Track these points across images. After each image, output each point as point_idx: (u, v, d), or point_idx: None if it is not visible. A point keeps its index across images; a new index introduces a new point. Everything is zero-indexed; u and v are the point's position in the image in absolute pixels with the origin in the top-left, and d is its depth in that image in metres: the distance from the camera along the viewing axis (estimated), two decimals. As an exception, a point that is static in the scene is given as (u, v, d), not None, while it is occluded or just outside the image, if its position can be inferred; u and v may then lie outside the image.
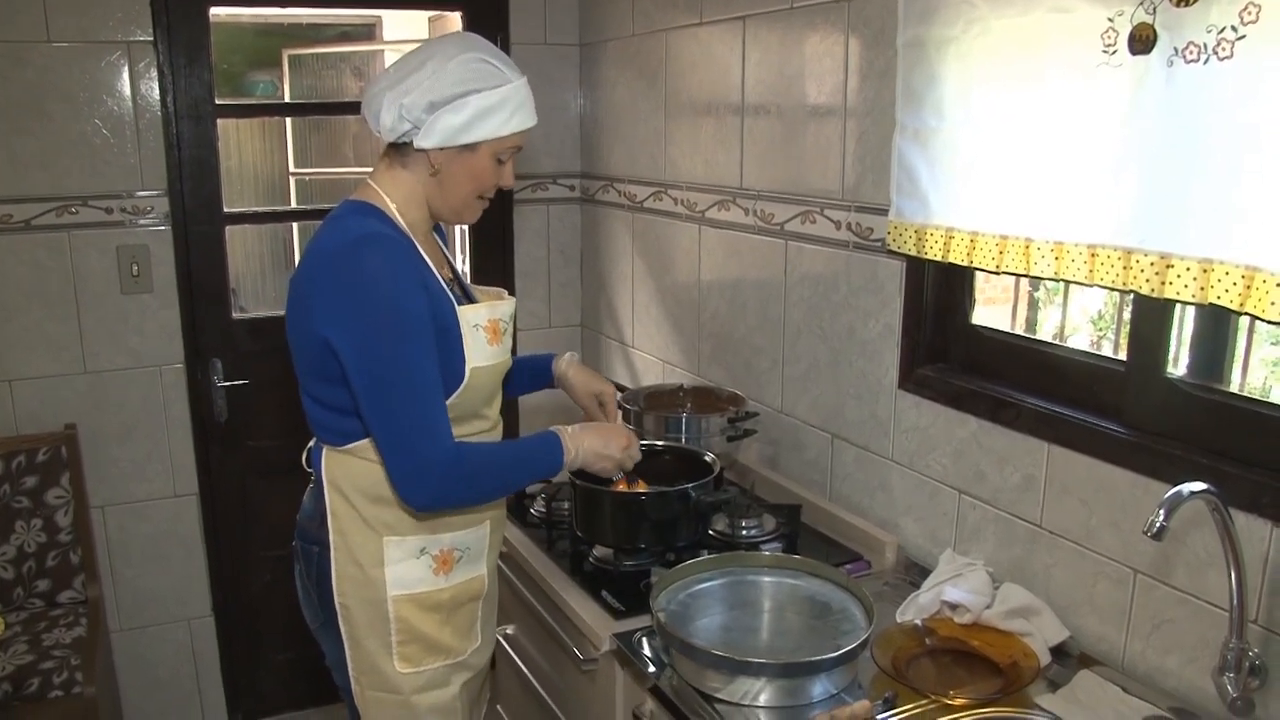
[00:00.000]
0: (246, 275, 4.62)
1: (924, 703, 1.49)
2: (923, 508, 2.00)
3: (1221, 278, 1.32)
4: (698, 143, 2.65)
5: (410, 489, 1.55)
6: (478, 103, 1.56)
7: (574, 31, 3.28)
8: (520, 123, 1.62)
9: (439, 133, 1.56)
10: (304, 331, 1.59)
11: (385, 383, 1.52)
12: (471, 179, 1.64)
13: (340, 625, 1.68)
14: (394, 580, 1.66)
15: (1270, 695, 1.39)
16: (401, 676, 1.69)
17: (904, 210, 1.88)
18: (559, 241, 3.41)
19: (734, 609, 1.69)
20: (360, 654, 1.69)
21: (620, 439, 1.77)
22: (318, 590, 1.71)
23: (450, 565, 1.71)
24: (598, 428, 1.78)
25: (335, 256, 1.54)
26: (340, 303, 1.52)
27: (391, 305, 1.51)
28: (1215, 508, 1.31)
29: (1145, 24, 1.38)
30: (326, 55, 4.85)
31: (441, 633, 1.72)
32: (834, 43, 2.11)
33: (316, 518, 1.69)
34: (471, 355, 1.63)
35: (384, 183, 1.65)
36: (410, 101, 1.55)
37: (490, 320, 1.68)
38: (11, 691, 2.42)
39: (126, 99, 2.80)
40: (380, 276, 1.51)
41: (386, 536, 1.66)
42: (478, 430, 1.71)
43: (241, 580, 3.16)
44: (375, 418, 1.54)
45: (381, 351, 1.51)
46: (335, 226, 1.60)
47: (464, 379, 1.62)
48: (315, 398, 1.64)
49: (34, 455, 2.78)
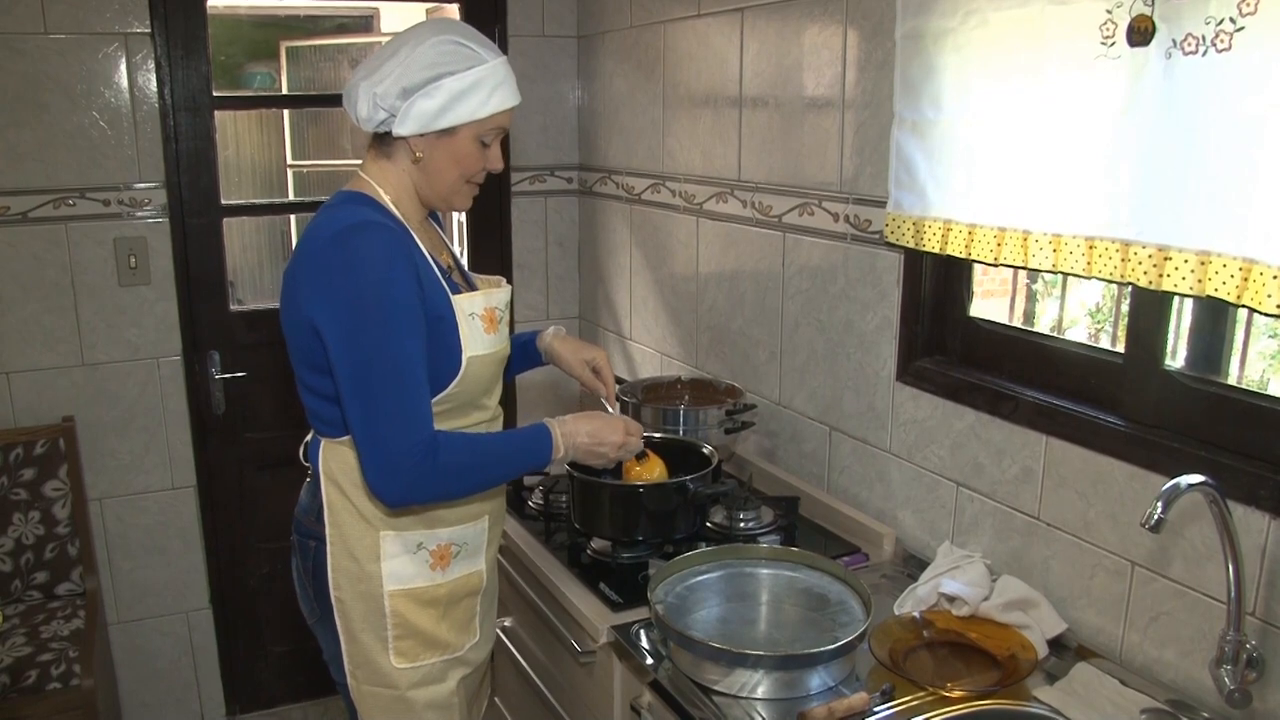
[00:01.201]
0: (244, 267, 4.60)
1: (921, 695, 1.49)
2: (921, 500, 2.00)
3: (1219, 270, 1.32)
4: (696, 135, 2.65)
5: (381, 481, 1.52)
6: (451, 85, 1.54)
7: (572, 23, 3.28)
8: (499, 103, 1.59)
9: (414, 119, 1.55)
10: (294, 318, 1.57)
11: (367, 369, 1.50)
12: (455, 164, 1.62)
13: (336, 619, 1.68)
14: (390, 575, 1.65)
15: (1267, 687, 1.39)
16: (398, 671, 1.68)
17: (902, 202, 1.87)
18: (557, 234, 3.41)
19: (732, 601, 1.69)
20: (356, 648, 1.68)
21: (616, 432, 1.73)
22: (314, 584, 1.71)
23: (448, 560, 1.70)
24: (592, 418, 1.73)
25: (326, 243, 1.53)
26: (328, 288, 1.51)
27: (379, 292, 1.49)
28: (1213, 500, 1.31)
29: (1144, 16, 1.38)
30: (324, 47, 4.83)
31: (439, 628, 1.71)
32: (832, 34, 2.10)
33: (313, 511, 1.69)
34: (468, 344, 1.61)
35: (373, 174, 1.65)
36: (383, 90, 1.54)
37: (486, 308, 1.66)
38: (9, 683, 2.42)
39: (124, 91, 2.79)
40: (370, 262, 1.49)
41: (383, 531, 1.64)
42: (477, 420, 1.70)
43: (239, 572, 3.16)
44: (353, 405, 1.51)
45: (365, 338, 1.50)
46: (328, 215, 1.58)
47: (461, 368, 1.61)
48: (308, 387, 1.63)
49: (31, 447, 2.77)
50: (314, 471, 1.68)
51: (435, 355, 1.57)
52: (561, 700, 2.03)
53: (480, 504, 1.72)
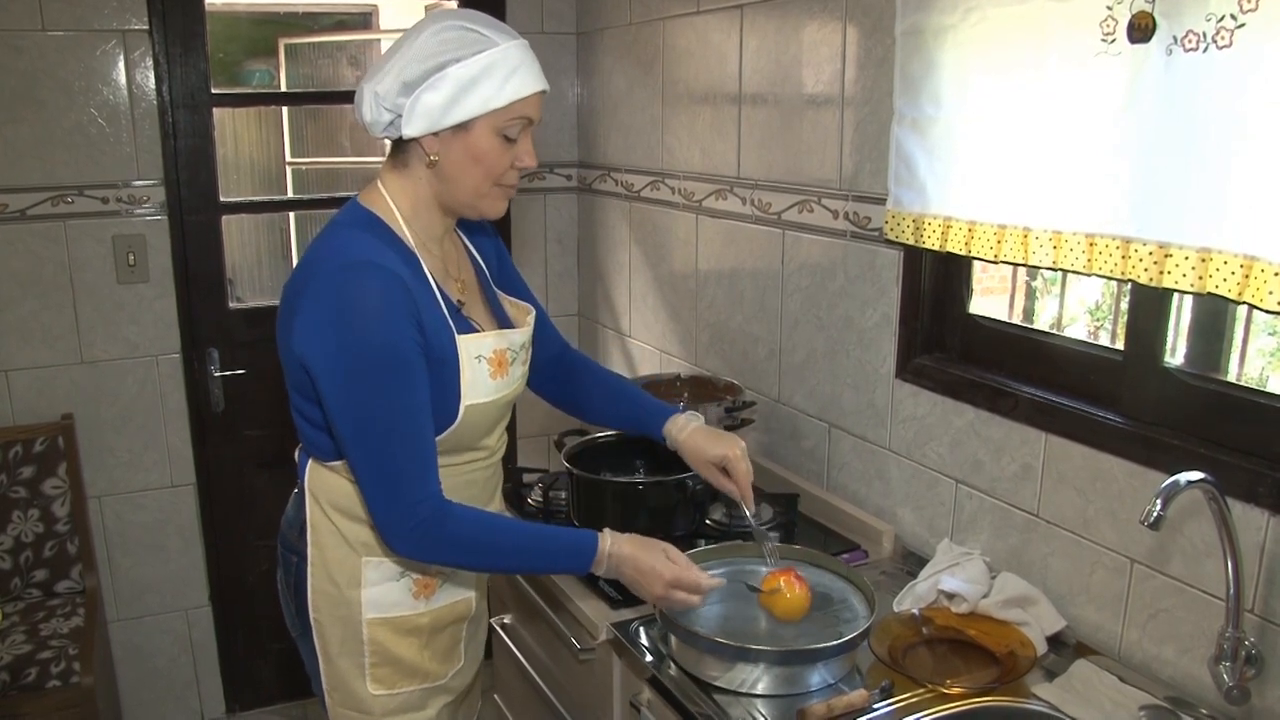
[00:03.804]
0: (243, 265, 4.60)
1: (920, 692, 1.49)
2: (920, 497, 2.00)
3: (1220, 267, 1.32)
4: (695, 132, 2.65)
5: (390, 537, 1.44)
6: (457, 74, 1.39)
7: (571, 20, 3.27)
8: (516, 90, 1.42)
9: (421, 116, 1.40)
10: (287, 347, 1.47)
11: (365, 427, 1.40)
12: (475, 163, 1.46)
13: (314, 639, 1.61)
14: (370, 603, 1.57)
15: (1266, 684, 1.39)
16: (374, 698, 1.60)
17: (902, 199, 1.87)
18: (556, 231, 3.41)
19: (735, 599, 1.69)
20: (333, 670, 1.60)
21: (657, 584, 1.51)
22: (295, 600, 1.64)
23: (432, 590, 1.61)
24: (651, 551, 1.53)
25: (322, 279, 1.40)
26: (320, 331, 1.39)
27: (374, 344, 1.38)
28: (1212, 497, 1.31)
29: (1144, 12, 1.38)
30: (323, 44, 4.83)
31: (420, 657, 1.62)
32: (831, 31, 2.10)
33: (296, 526, 1.61)
34: (468, 391, 1.50)
35: (390, 186, 1.51)
36: (384, 88, 1.41)
37: (496, 351, 1.54)
38: (9, 681, 2.42)
39: (122, 88, 2.79)
40: (364, 311, 1.37)
41: (365, 557, 1.56)
42: (471, 460, 1.59)
43: (238, 570, 3.16)
44: (355, 461, 1.43)
45: (361, 395, 1.39)
46: (334, 239, 1.47)
47: (458, 417, 1.50)
48: (299, 411, 1.54)
49: (31, 445, 2.77)
50: (300, 485, 1.61)
51: (432, 398, 1.46)
52: (561, 698, 2.03)
53: None
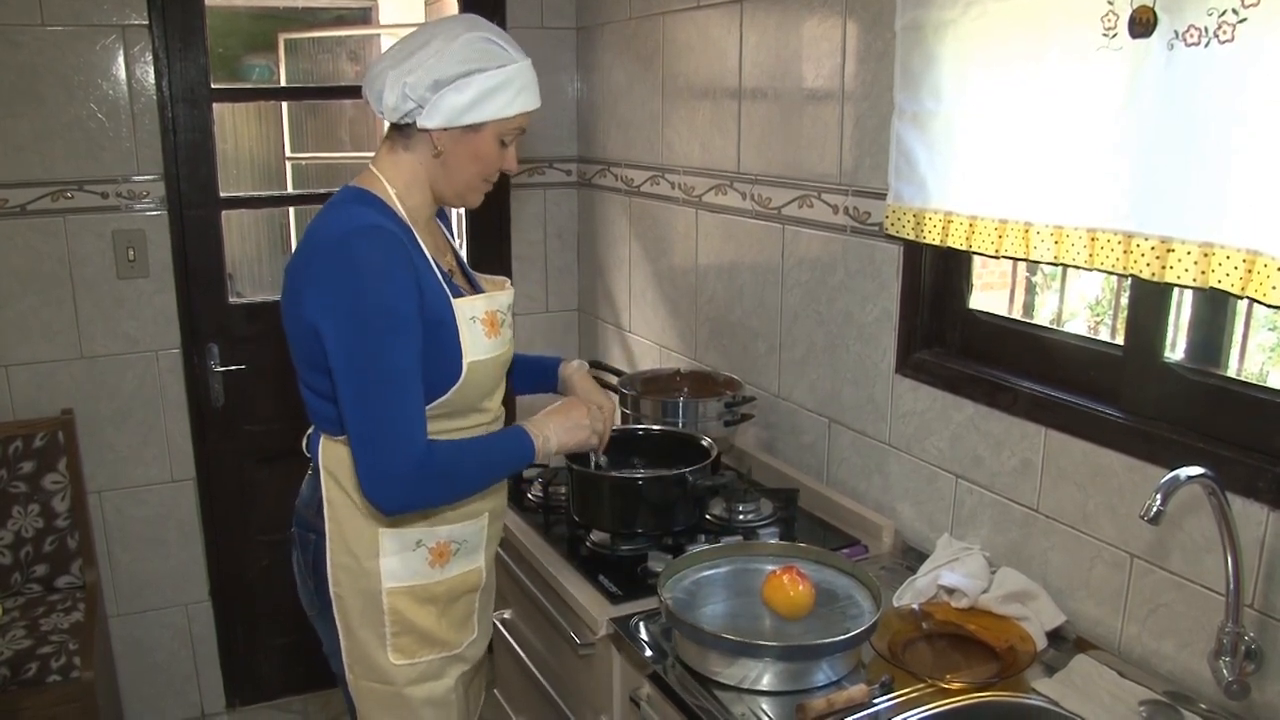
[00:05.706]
0: (243, 260, 4.61)
1: (920, 687, 1.50)
2: (920, 492, 2.00)
3: (1222, 261, 1.32)
4: (695, 127, 2.64)
5: (375, 490, 1.51)
6: (482, 82, 1.54)
7: (571, 15, 3.27)
8: (524, 104, 1.60)
9: (443, 112, 1.54)
10: (296, 320, 1.57)
11: (364, 378, 1.49)
12: (475, 160, 1.61)
13: (335, 615, 1.68)
14: (389, 572, 1.65)
15: (1266, 679, 1.39)
16: (395, 668, 1.68)
17: (902, 194, 1.87)
18: (556, 226, 3.40)
19: (740, 596, 1.69)
20: (354, 644, 1.68)
21: (578, 410, 1.75)
22: (314, 578, 1.70)
23: (446, 558, 1.69)
24: (554, 408, 1.75)
25: (329, 247, 1.52)
26: (330, 294, 1.50)
27: (379, 301, 1.49)
28: (1212, 492, 1.31)
29: (1145, 6, 1.37)
30: (322, 39, 4.83)
31: (438, 625, 1.70)
32: (832, 25, 2.10)
33: (313, 505, 1.69)
34: (469, 349, 1.60)
35: (385, 168, 1.64)
36: (414, 80, 1.53)
37: (488, 312, 1.66)
38: (9, 676, 2.43)
39: (121, 83, 2.78)
40: (371, 270, 1.49)
41: (382, 528, 1.64)
42: (476, 424, 1.69)
43: (239, 565, 3.16)
44: (350, 412, 1.51)
45: (364, 347, 1.49)
46: (332, 215, 1.57)
47: (461, 374, 1.60)
48: (310, 386, 1.63)
49: (31, 440, 2.77)
50: (314, 465, 1.68)
51: (435, 360, 1.56)
52: (561, 692, 2.03)
53: (480, 502, 1.72)
